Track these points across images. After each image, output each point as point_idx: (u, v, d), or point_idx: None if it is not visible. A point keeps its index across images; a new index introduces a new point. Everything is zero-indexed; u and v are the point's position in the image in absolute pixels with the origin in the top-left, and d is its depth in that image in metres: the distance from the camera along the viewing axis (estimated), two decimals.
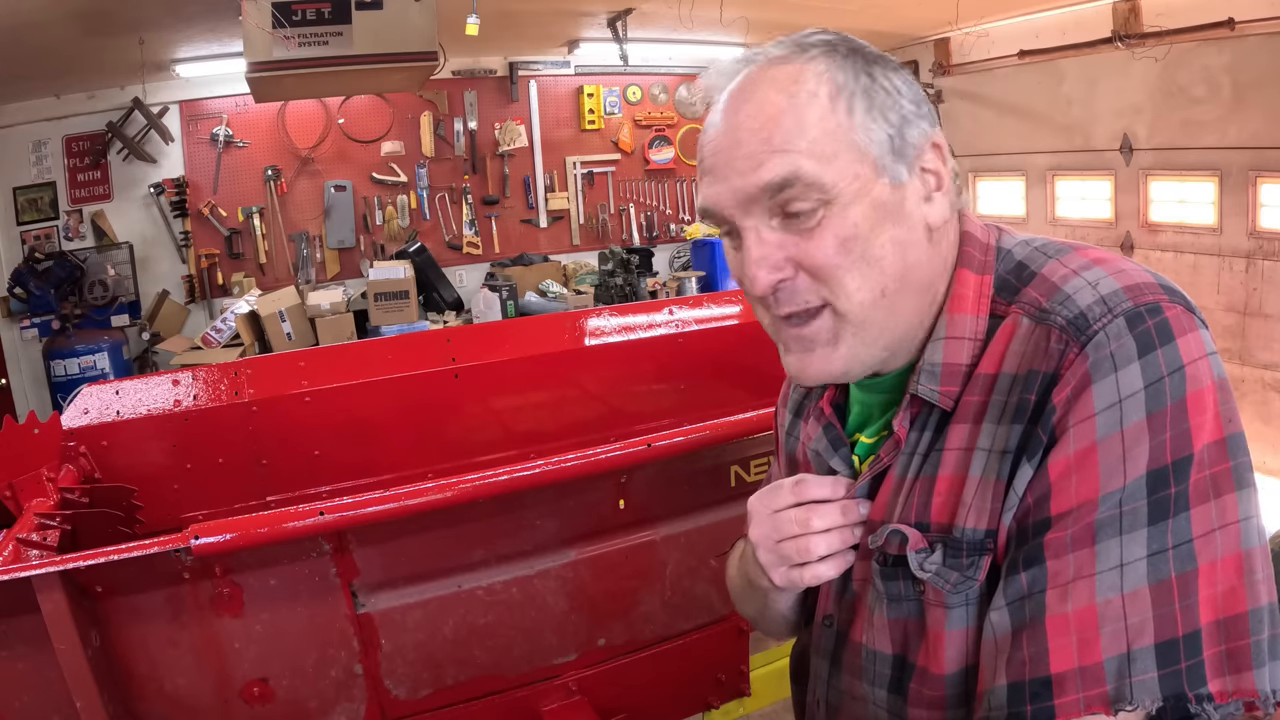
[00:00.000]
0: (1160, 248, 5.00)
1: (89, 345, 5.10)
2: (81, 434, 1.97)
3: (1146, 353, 0.67)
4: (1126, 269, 0.73)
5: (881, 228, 0.75)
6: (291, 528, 1.38)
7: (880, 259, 0.76)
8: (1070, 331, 0.70)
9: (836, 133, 0.74)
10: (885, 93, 0.76)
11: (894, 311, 0.78)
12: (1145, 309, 0.69)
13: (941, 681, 0.77)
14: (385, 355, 2.37)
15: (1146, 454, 0.66)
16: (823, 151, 0.73)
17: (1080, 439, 0.68)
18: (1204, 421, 0.67)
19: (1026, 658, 0.69)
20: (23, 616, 1.28)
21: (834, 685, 0.91)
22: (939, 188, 0.79)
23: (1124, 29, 4.77)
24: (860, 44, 0.78)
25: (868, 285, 0.76)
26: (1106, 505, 0.67)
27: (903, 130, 0.76)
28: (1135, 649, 0.65)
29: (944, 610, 0.76)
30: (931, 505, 0.77)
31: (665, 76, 6.75)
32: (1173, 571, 0.66)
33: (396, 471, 2.20)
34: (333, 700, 1.59)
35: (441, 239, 6.23)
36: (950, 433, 0.77)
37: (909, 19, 5.52)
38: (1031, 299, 0.75)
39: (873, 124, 0.75)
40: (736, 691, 2.01)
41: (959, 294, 0.80)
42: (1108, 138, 5.13)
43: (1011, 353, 0.74)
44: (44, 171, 5.21)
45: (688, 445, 1.64)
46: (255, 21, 3.65)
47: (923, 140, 0.77)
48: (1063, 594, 0.67)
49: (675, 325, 2.57)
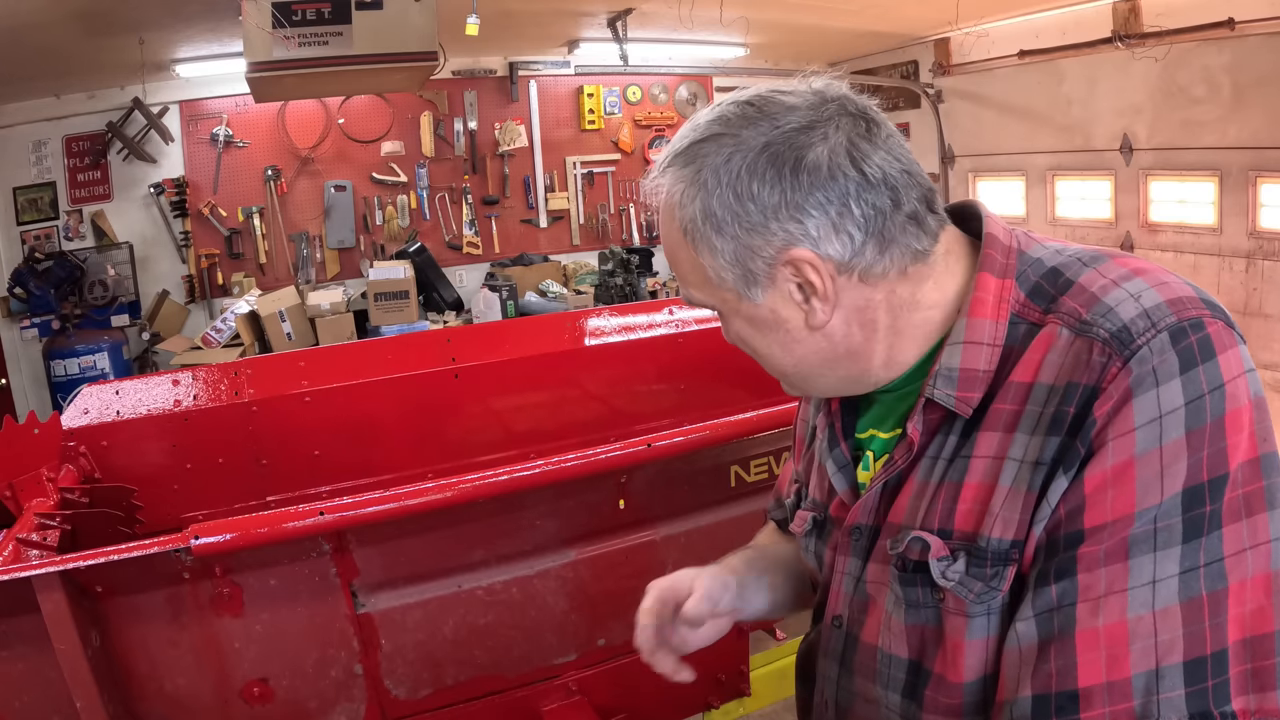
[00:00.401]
0: (1160, 248, 5.00)
1: (89, 345, 5.10)
2: (81, 434, 1.97)
3: (1189, 369, 0.67)
4: (1168, 281, 0.72)
5: (761, 334, 0.83)
6: (291, 528, 1.38)
7: (768, 355, 0.84)
8: (1114, 345, 0.69)
9: (699, 269, 0.81)
10: (721, 232, 0.77)
11: (809, 382, 0.87)
12: (1189, 324, 0.68)
13: (960, 690, 0.77)
14: (385, 355, 2.37)
15: (1184, 471, 0.66)
16: (698, 281, 0.82)
17: (1119, 453, 0.67)
18: (1240, 440, 0.67)
19: (1054, 670, 0.68)
20: (23, 616, 1.28)
21: (844, 686, 0.90)
22: (816, 292, 0.77)
23: (1124, 29, 4.77)
24: (712, 161, 0.76)
25: (769, 367, 0.86)
26: (1142, 521, 0.67)
27: (745, 263, 0.77)
28: (1164, 666, 0.65)
29: (964, 619, 0.76)
30: (956, 512, 0.77)
31: (665, 76, 6.75)
32: (1204, 589, 0.66)
33: (396, 471, 2.20)
34: (333, 700, 1.59)
35: (441, 239, 6.23)
36: (979, 440, 0.76)
37: (909, 19, 5.52)
38: (1070, 309, 0.74)
39: (716, 263, 0.79)
40: (736, 691, 2.01)
41: (979, 298, 0.78)
42: (1108, 138, 5.13)
43: (1049, 363, 0.73)
44: (44, 171, 5.21)
45: (688, 445, 1.64)
46: (255, 21, 3.65)
47: (773, 264, 0.77)
48: (1094, 608, 0.67)
49: (675, 325, 2.58)
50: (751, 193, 0.75)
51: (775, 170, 0.75)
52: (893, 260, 0.77)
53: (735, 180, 0.76)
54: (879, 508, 0.85)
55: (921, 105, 6.31)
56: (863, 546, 0.87)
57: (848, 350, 0.81)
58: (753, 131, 0.76)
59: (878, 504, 0.85)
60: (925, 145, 6.27)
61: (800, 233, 0.75)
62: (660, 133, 6.82)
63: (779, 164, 0.75)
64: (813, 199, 0.75)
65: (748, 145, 0.76)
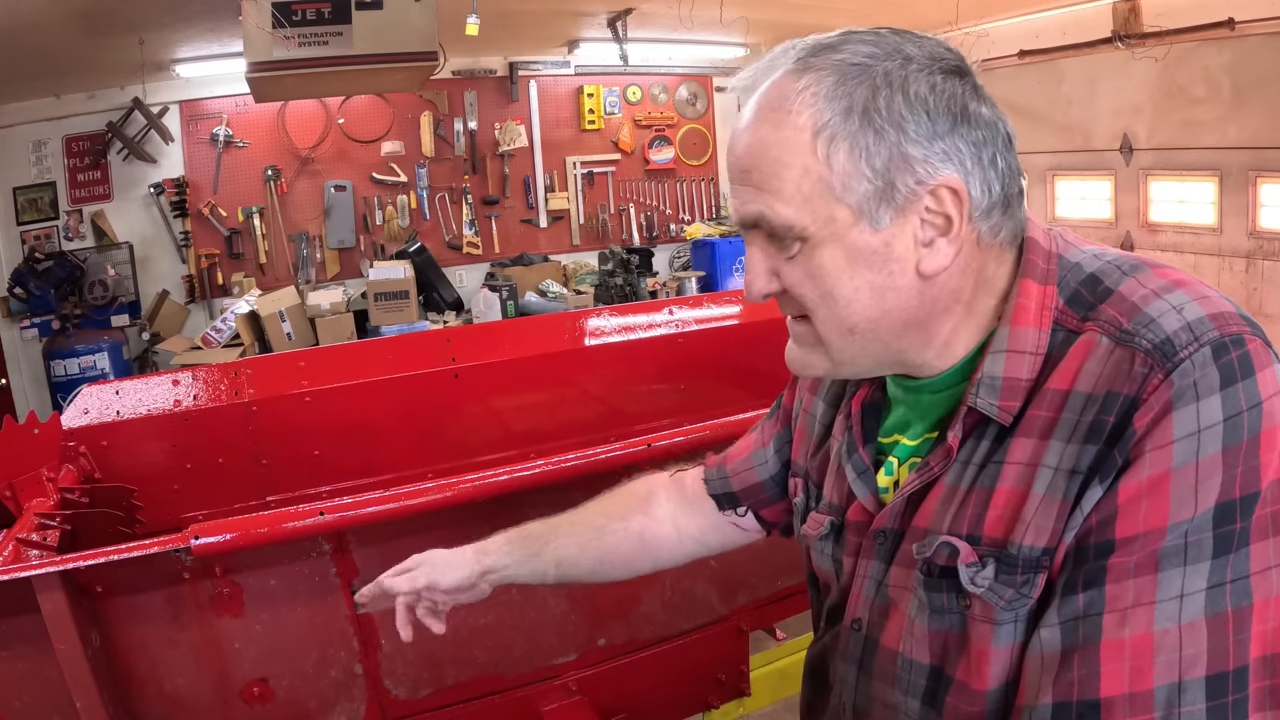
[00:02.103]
0: (1160, 248, 5.00)
1: (89, 345, 5.10)
2: (81, 434, 1.97)
3: (1228, 385, 0.67)
4: (1209, 295, 0.72)
5: (855, 272, 0.75)
6: (291, 528, 1.38)
7: (850, 301, 0.76)
8: (1156, 356, 0.68)
9: (812, 176, 0.73)
10: (879, 134, 0.72)
11: (866, 349, 0.79)
12: (1230, 339, 0.68)
13: (983, 698, 0.76)
14: (385, 355, 2.37)
15: (1218, 487, 0.66)
16: (795, 194, 0.74)
17: (1155, 465, 0.67)
18: (1273, 459, 0.66)
19: (1076, 679, 0.68)
20: (23, 616, 1.27)
21: (862, 691, 0.89)
22: (946, 233, 0.74)
23: (1124, 29, 4.77)
24: (881, 64, 0.73)
25: (834, 321, 0.78)
26: (1173, 534, 0.66)
27: (892, 177, 0.72)
28: (1187, 679, 0.65)
29: (991, 626, 0.75)
30: (986, 518, 0.76)
31: (665, 76, 6.75)
32: (1229, 605, 0.66)
33: (396, 471, 2.20)
34: (333, 700, 1.59)
35: (441, 239, 6.23)
36: (1012, 446, 0.75)
37: (909, 19, 5.50)
38: (1110, 318, 0.73)
39: (853, 169, 0.72)
40: (736, 691, 2.01)
41: (1022, 305, 0.77)
42: (1108, 138, 5.13)
43: (1087, 371, 0.72)
44: (44, 171, 5.21)
45: (688, 445, 1.64)
46: (255, 21, 3.65)
47: (922, 185, 0.73)
48: (1121, 619, 0.67)
49: (675, 325, 2.57)
50: (927, 105, 0.72)
51: (950, 94, 0.72)
52: (1005, 229, 0.77)
53: (909, 85, 0.72)
54: (905, 512, 0.84)
55: None
56: (886, 550, 0.86)
57: (930, 314, 0.77)
58: (918, 51, 0.73)
59: (904, 508, 0.84)
60: None
61: (959, 161, 0.73)
62: (660, 133, 6.82)
63: (951, 93, 0.73)
64: (975, 135, 0.73)
65: (918, 62, 0.72)
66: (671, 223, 6.96)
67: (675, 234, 6.96)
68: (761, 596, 1.98)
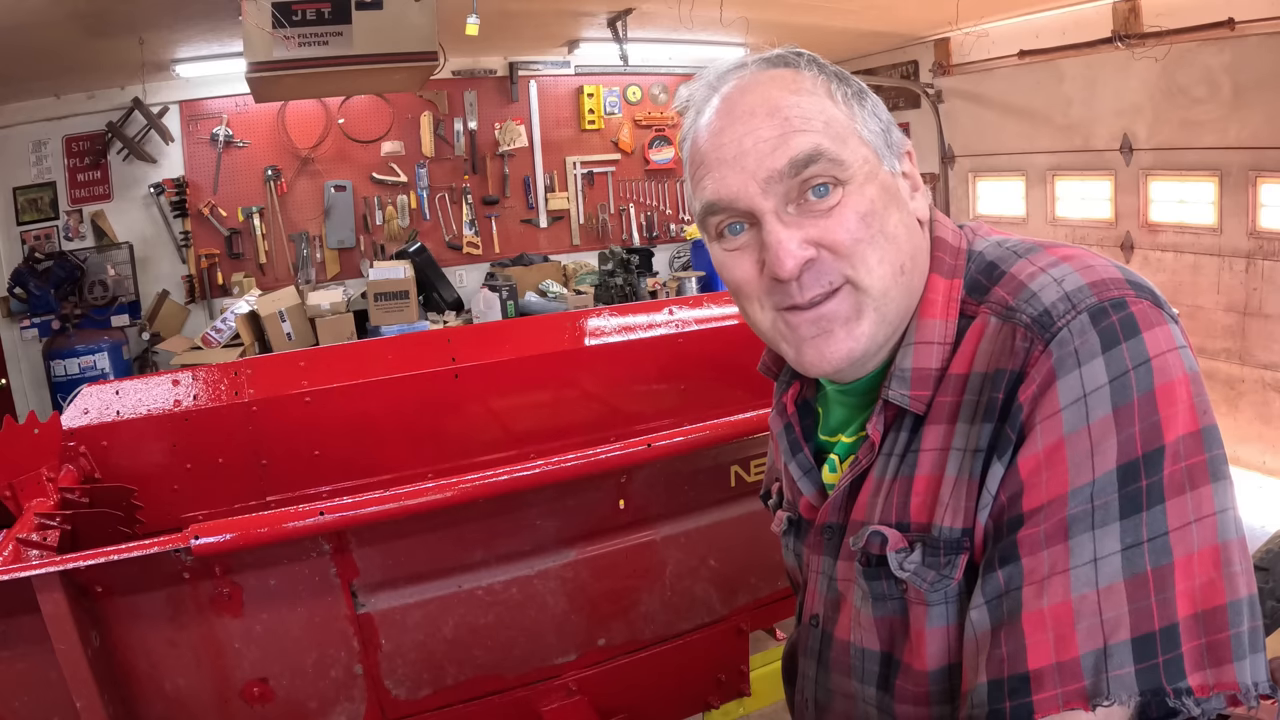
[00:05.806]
0: (1160, 248, 4.99)
1: (89, 345, 5.10)
2: (81, 434, 1.97)
3: (1110, 347, 0.67)
4: (1094, 265, 0.73)
5: (891, 208, 0.79)
6: (291, 528, 1.38)
7: (896, 236, 0.79)
8: (1035, 329, 0.70)
9: (842, 119, 0.79)
10: (863, 98, 0.82)
11: (908, 290, 0.81)
12: (1110, 304, 0.69)
13: (925, 677, 0.78)
14: (385, 355, 2.37)
15: (1115, 448, 0.66)
16: (836, 133, 0.78)
17: (1047, 435, 0.68)
18: (1175, 413, 0.66)
19: (1005, 655, 0.69)
20: (23, 616, 1.27)
21: (822, 684, 0.91)
22: (915, 189, 0.84)
23: (1124, 29, 4.76)
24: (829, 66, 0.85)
25: (888, 260, 0.78)
26: (1077, 500, 0.67)
27: (889, 129, 0.82)
28: (1111, 644, 0.65)
29: (925, 608, 0.77)
30: (910, 505, 0.78)
31: (665, 76, 6.74)
32: (1148, 565, 0.65)
33: (396, 471, 2.20)
34: (333, 700, 1.59)
35: (441, 239, 6.23)
36: (925, 433, 0.78)
37: (909, 19, 5.52)
38: (999, 298, 0.76)
39: (868, 118, 0.81)
40: (736, 691, 2.01)
41: (929, 299, 0.81)
42: (1108, 138, 5.12)
43: (981, 352, 0.75)
44: (44, 171, 5.21)
45: (688, 445, 1.64)
46: (255, 21, 3.65)
47: (902, 142, 0.83)
48: (1038, 590, 0.68)
49: (675, 325, 2.57)
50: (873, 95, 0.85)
51: None
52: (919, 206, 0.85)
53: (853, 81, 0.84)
54: (844, 506, 0.86)
55: (921, 105, 6.31)
56: (834, 545, 0.88)
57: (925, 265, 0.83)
58: None
59: (844, 503, 0.86)
60: (925, 145, 6.26)
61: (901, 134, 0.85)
62: (660, 132, 6.82)
63: None
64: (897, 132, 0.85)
65: None
66: (671, 223, 6.96)
67: (675, 234, 6.96)
68: (761, 596, 1.99)
